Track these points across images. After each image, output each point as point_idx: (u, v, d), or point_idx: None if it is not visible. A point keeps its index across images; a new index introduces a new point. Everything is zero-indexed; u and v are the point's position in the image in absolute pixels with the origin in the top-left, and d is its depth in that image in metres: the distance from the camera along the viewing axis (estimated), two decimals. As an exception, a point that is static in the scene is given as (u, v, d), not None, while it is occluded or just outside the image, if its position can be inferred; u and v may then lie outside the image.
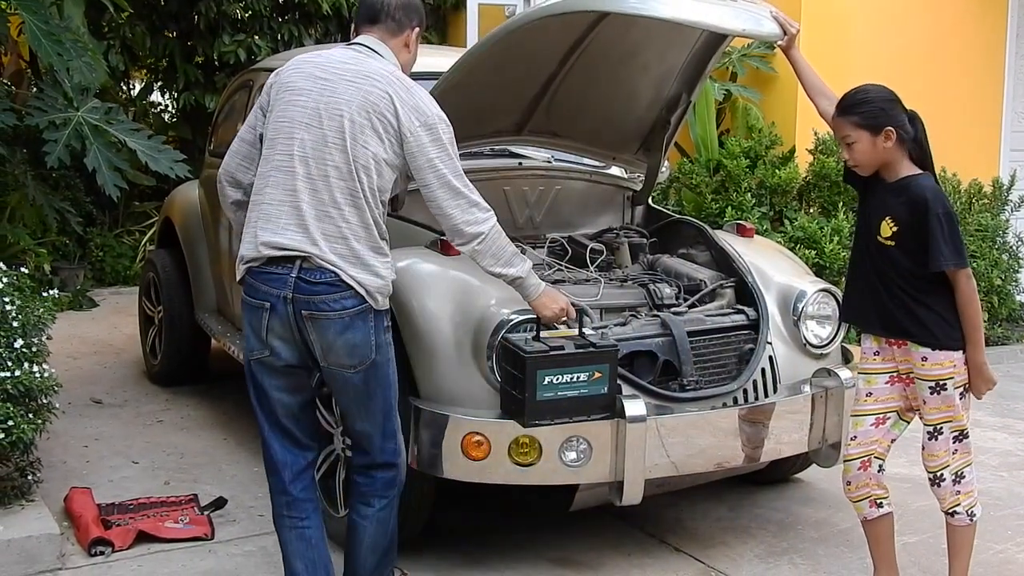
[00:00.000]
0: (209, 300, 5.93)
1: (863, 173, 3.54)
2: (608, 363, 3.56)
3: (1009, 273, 7.51)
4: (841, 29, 7.51)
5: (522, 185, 4.83)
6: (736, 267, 4.41)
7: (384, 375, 3.38)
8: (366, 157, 3.23)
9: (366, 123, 3.23)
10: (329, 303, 3.21)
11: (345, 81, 3.27)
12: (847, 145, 3.48)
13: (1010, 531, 4.45)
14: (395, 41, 3.42)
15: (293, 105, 3.29)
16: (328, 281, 3.21)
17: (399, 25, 3.42)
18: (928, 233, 3.35)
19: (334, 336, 3.24)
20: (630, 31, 4.42)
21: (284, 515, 3.45)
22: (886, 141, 3.42)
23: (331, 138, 3.23)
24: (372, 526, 3.44)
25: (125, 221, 9.79)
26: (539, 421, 3.53)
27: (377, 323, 3.30)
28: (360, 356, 3.28)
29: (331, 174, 3.23)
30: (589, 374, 3.53)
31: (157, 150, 6.03)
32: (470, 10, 9.43)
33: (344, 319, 3.23)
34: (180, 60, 9.59)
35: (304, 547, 3.43)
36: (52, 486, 4.50)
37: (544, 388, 3.46)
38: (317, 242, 3.21)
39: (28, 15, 5.21)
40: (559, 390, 3.49)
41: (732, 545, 4.25)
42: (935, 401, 3.51)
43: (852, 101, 3.47)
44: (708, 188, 7.26)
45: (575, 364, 3.50)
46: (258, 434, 3.45)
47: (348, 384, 3.33)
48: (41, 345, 4.27)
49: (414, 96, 3.29)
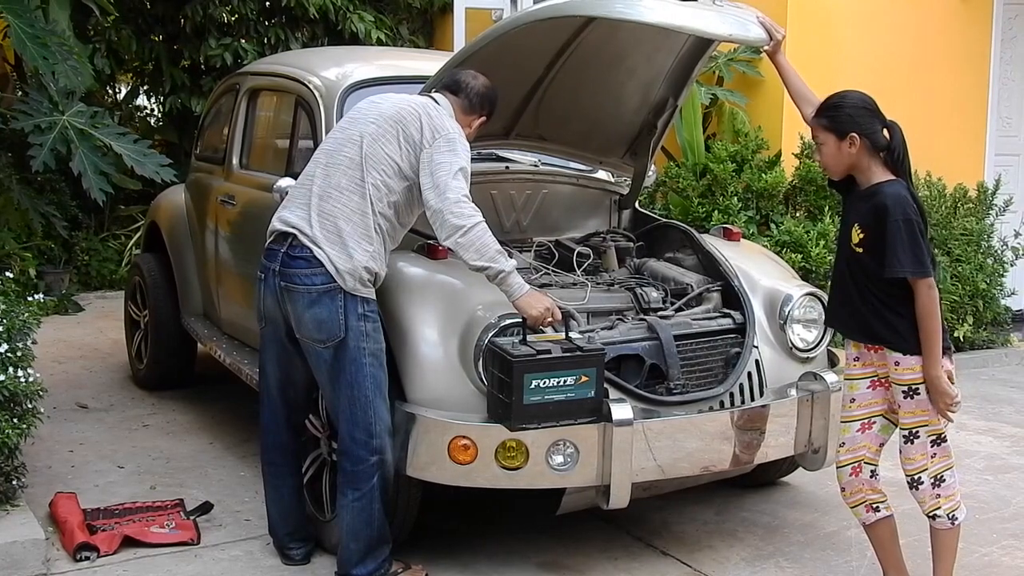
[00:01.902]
0: (195, 304, 5.91)
1: (832, 177, 3.62)
2: (595, 366, 3.57)
3: (994, 277, 7.53)
4: (827, 34, 7.53)
5: (509, 189, 4.83)
6: (723, 271, 4.42)
7: (355, 359, 3.61)
8: (380, 156, 3.66)
9: (390, 130, 3.69)
10: (300, 277, 3.62)
11: (391, 103, 3.78)
12: (817, 147, 3.57)
13: (995, 534, 4.46)
14: (464, 117, 3.86)
15: (345, 118, 3.89)
16: (304, 257, 3.62)
17: (472, 107, 3.89)
18: (887, 238, 3.38)
19: (303, 309, 3.64)
20: (617, 36, 4.43)
21: (266, 470, 4.01)
22: (850, 147, 3.47)
23: (355, 137, 3.71)
24: (348, 515, 3.70)
25: (111, 225, 9.75)
26: (526, 425, 3.53)
27: (348, 305, 3.60)
28: (328, 332, 3.61)
29: (343, 163, 3.68)
30: (576, 377, 3.53)
31: (143, 154, 6.03)
32: (457, 14, 9.42)
33: (312, 294, 3.61)
34: (166, 64, 9.55)
35: (277, 498, 3.99)
36: (37, 491, 4.48)
37: (531, 392, 3.47)
38: (312, 222, 3.64)
39: (13, 18, 5.19)
40: (546, 394, 3.49)
41: (719, 549, 4.26)
42: (909, 405, 3.53)
43: (826, 105, 3.55)
44: (695, 192, 7.28)
45: (562, 368, 3.51)
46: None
47: (320, 359, 3.68)
48: (26, 349, 4.25)
49: (443, 119, 3.73)
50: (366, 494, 3.66)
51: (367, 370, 3.63)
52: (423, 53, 7.54)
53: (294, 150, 4.94)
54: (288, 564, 3.99)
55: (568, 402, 3.53)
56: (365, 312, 3.65)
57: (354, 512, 3.69)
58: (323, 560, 3.99)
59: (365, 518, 3.68)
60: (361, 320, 3.63)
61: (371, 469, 3.65)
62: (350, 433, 3.65)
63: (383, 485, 3.69)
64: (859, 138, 3.45)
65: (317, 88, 4.74)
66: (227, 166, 5.55)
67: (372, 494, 3.66)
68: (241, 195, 5.27)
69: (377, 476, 3.66)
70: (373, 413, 3.64)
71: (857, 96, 3.53)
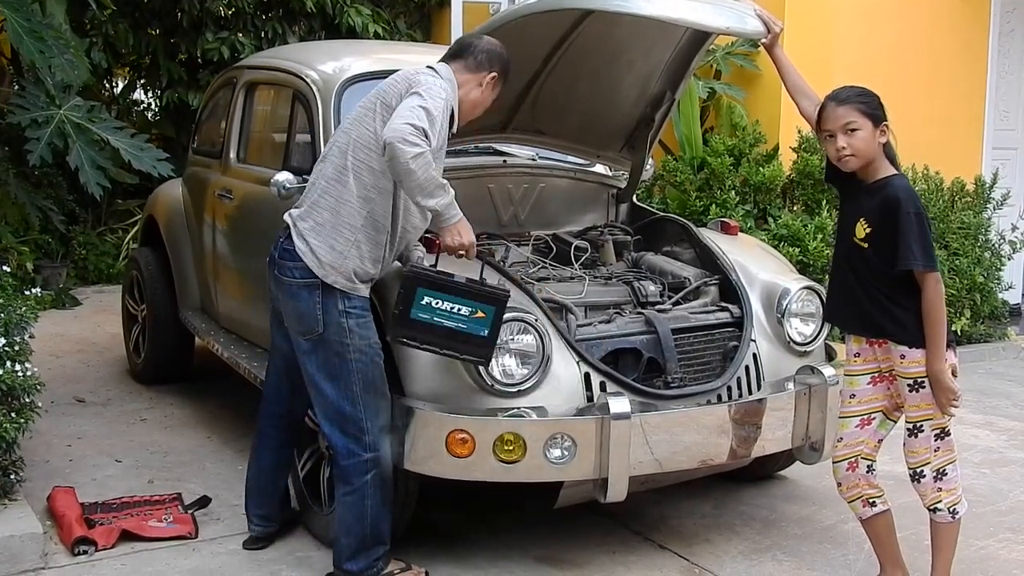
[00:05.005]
0: (193, 298, 5.91)
1: (851, 167, 3.50)
2: (494, 306, 3.52)
3: (991, 271, 7.54)
4: (825, 27, 7.53)
5: (506, 183, 4.83)
6: (720, 265, 4.42)
7: (339, 354, 3.60)
8: (362, 134, 3.60)
9: (371, 105, 3.62)
10: (286, 269, 3.66)
11: (385, 81, 3.68)
12: (849, 132, 3.43)
13: (992, 528, 4.47)
14: (471, 76, 3.73)
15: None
16: (290, 249, 3.65)
17: (479, 65, 3.74)
18: (899, 232, 3.37)
19: (285, 300, 3.70)
20: (614, 29, 4.43)
21: (255, 438, 4.10)
22: (881, 136, 3.46)
23: (346, 125, 3.71)
24: (340, 510, 3.72)
25: (108, 219, 9.74)
26: (408, 339, 3.53)
27: (327, 301, 3.59)
28: (307, 325, 3.64)
29: (334, 152, 3.68)
30: (471, 310, 3.50)
31: (140, 148, 6.03)
32: (455, 8, 9.41)
33: (292, 287, 3.64)
34: (163, 57, 9.54)
35: (257, 470, 4.08)
36: (35, 485, 4.48)
37: (421, 308, 3.47)
38: (304, 214, 3.67)
39: (10, 12, 5.18)
40: (436, 315, 3.48)
41: (716, 542, 4.26)
42: (914, 398, 3.53)
43: (855, 91, 3.49)
44: (692, 186, 7.28)
45: (458, 294, 3.49)
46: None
47: (301, 350, 3.71)
48: (23, 344, 4.25)
49: (429, 81, 3.56)
50: (357, 490, 3.65)
51: (353, 366, 3.61)
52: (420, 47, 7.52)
53: (291, 144, 4.94)
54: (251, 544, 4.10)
55: (458, 333, 3.49)
56: (347, 308, 3.60)
57: (345, 507, 3.69)
58: (320, 555, 3.99)
59: (356, 513, 3.67)
60: (343, 316, 3.59)
61: (364, 465, 3.64)
62: (341, 428, 3.65)
63: (380, 483, 3.66)
64: (888, 129, 3.45)
65: (315, 82, 4.73)
66: (224, 160, 5.55)
67: (364, 490, 3.65)
68: (238, 189, 5.27)
69: (372, 474, 3.64)
70: (363, 409, 3.62)
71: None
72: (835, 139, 3.47)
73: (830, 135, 3.48)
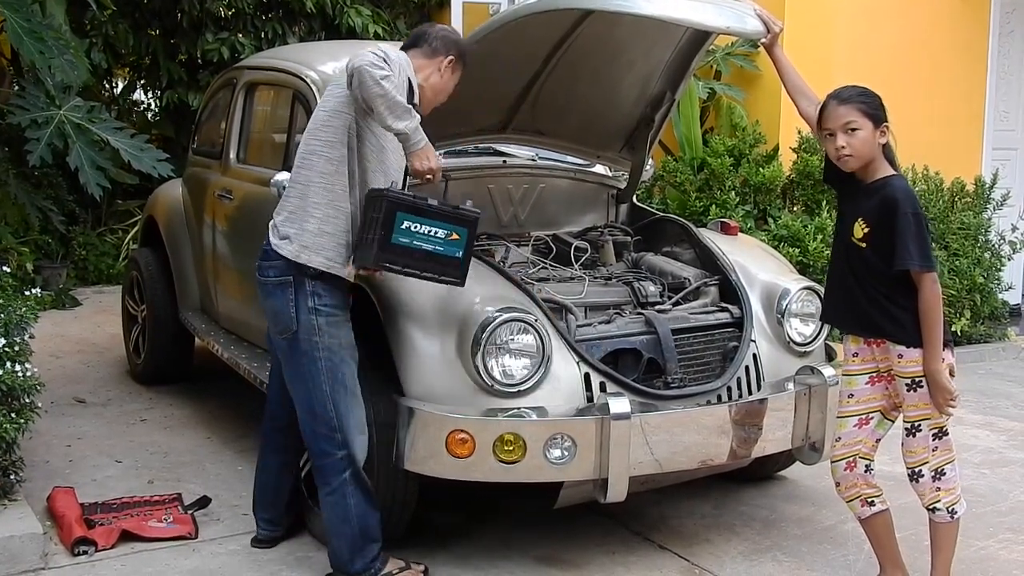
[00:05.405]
0: (193, 298, 5.91)
1: (850, 166, 3.50)
2: (467, 228, 3.59)
3: (991, 271, 7.53)
4: (825, 27, 7.53)
5: (506, 183, 4.83)
6: (720, 265, 4.42)
7: (307, 353, 3.63)
8: (318, 117, 3.66)
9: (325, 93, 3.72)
10: (261, 270, 3.73)
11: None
12: (849, 131, 3.44)
13: (991, 528, 4.47)
14: (428, 62, 3.76)
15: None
16: (267, 249, 3.70)
17: (434, 51, 3.78)
18: (896, 232, 3.37)
19: (263, 299, 3.77)
20: (614, 29, 4.43)
21: (262, 440, 4.13)
22: (881, 136, 3.46)
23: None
24: (326, 511, 3.75)
25: (108, 220, 9.74)
26: (389, 264, 3.54)
27: (299, 299, 3.63)
28: (282, 323, 3.68)
29: (303, 149, 3.69)
30: (447, 232, 3.55)
31: (140, 148, 6.03)
32: (454, 8, 9.42)
33: (267, 286, 3.71)
34: (163, 58, 9.55)
35: (263, 469, 4.11)
36: (35, 485, 4.48)
37: (401, 232, 3.49)
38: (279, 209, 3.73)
39: (10, 13, 5.18)
40: (415, 239, 3.52)
41: (716, 543, 4.26)
42: (913, 398, 3.53)
43: (857, 91, 3.49)
44: (692, 186, 7.28)
45: (434, 217, 3.53)
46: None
47: (279, 349, 3.78)
48: (23, 344, 4.25)
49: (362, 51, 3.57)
50: (336, 489, 3.67)
51: (321, 364, 3.63)
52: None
53: (291, 144, 4.93)
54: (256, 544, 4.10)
55: (436, 255, 3.54)
56: (316, 306, 3.62)
57: (328, 507, 3.71)
58: (320, 555, 3.98)
59: (340, 514, 3.68)
60: (312, 314, 3.62)
61: (339, 464, 3.64)
62: (312, 427, 3.68)
63: (358, 481, 3.67)
64: (887, 129, 3.46)
65: (314, 82, 4.73)
66: (224, 161, 5.55)
67: (344, 489, 3.65)
68: (238, 189, 5.27)
69: (349, 472, 3.64)
70: (333, 407, 3.63)
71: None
72: (835, 138, 3.47)
73: (830, 134, 3.49)
